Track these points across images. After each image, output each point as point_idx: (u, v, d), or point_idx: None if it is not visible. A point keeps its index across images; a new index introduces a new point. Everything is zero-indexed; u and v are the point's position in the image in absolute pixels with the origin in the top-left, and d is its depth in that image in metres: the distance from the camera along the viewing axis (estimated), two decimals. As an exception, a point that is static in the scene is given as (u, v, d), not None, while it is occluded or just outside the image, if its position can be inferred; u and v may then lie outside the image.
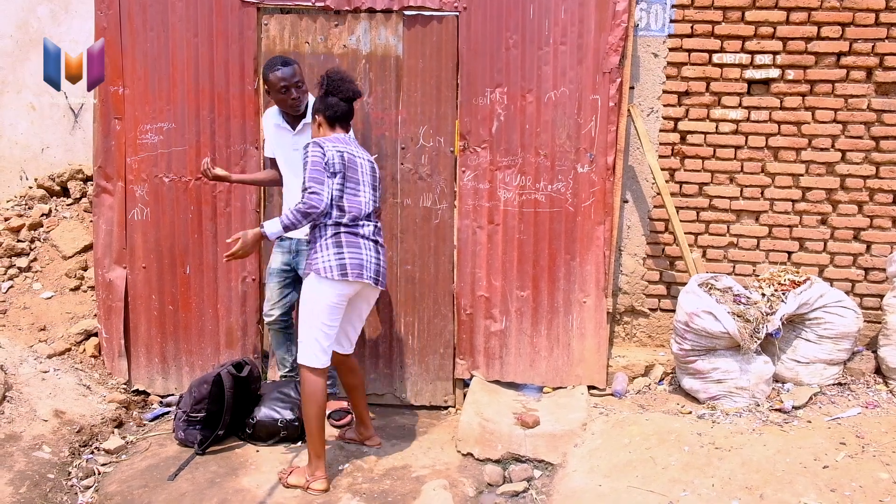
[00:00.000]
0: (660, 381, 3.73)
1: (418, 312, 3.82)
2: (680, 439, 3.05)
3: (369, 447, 3.36)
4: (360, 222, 3.00)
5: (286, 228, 2.89)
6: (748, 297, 3.43)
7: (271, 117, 3.51)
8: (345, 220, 2.95)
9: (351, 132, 3.26)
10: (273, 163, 3.56)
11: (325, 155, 2.91)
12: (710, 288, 3.47)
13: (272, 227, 2.90)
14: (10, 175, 4.48)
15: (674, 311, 3.66)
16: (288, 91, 3.32)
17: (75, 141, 4.43)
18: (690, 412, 3.37)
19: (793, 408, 3.27)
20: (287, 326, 3.60)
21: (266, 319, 3.59)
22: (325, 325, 2.96)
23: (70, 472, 3.15)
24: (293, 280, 3.55)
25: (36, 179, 4.44)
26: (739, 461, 2.87)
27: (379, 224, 3.13)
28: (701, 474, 2.82)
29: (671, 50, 3.68)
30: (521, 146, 3.63)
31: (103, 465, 3.24)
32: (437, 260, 3.78)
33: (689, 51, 3.67)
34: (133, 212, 3.81)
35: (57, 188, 4.40)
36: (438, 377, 3.84)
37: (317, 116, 3.06)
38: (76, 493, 3.04)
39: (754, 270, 3.77)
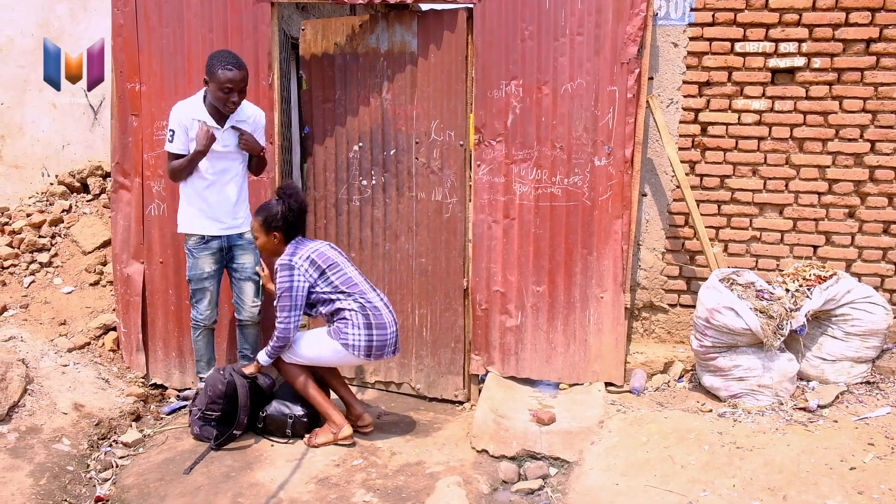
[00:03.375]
0: (679, 378, 3.66)
1: (431, 305, 3.81)
2: (700, 438, 2.99)
3: (363, 432, 3.40)
4: (370, 295, 3.23)
5: (272, 358, 3.26)
6: (772, 293, 3.34)
7: (195, 112, 3.32)
8: (357, 295, 3.20)
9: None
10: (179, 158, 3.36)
11: (294, 278, 3.14)
12: (732, 283, 3.39)
13: (263, 357, 3.28)
14: (32, 172, 4.55)
15: (694, 306, 3.58)
16: (231, 93, 3.24)
17: (95, 138, 4.48)
18: (711, 410, 3.29)
19: (818, 407, 3.18)
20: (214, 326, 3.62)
21: (205, 323, 3.52)
22: (318, 360, 3.28)
23: (89, 465, 3.19)
24: (221, 277, 3.56)
25: (57, 176, 4.51)
26: (762, 461, 2.79)
27: (378, 290, 3.35)
28: (721, 474, 2.76)
29: (692, 39, 3.59)
30: (537, 139, 3.57)
31: (121, 457, 3.27)
32: (448, 254, 3.75)
33: (711, 40, 3.58)
34: (150, 207, 3.83)
35: (77, 184, 4.46)
36: (450, 371, 3.82)
37: (275, 234, 3.20)
38: (94, 486, 3.06)
39: (778, 265, 3.68)
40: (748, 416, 3.17)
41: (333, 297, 3.19)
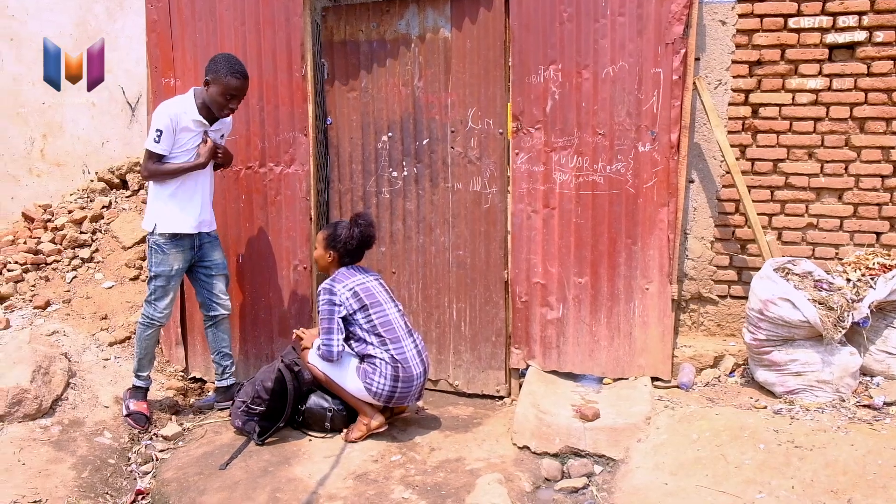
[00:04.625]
0: (730, 372, 3.50)
1: (469, 299, 3.71)
2: (754, 436, 2.84)
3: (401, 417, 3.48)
4: (405, 344, 3.20)
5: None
6: (831, 283, 3.16)
7: (189, 112, 3.26)
8: (393, 351, 3.18)
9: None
10: (163, 160, 3.26)
11: (335, 303, 3.17)
12: (788, 273, 3.21)
13: (313, 351, 3.31)
14: (73, 169, 4.62)
15: (745, 298, 3.42)
16: (233, 100, 3.26)
17: (133, 134, 4.52)
18: (766, 407, 3.14)
19: (884, 404, 2.99)
20: None
21: (161, 322, 3.38)
22: (341, 385, 3.26)
23: (129, 458, 3.21)
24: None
25: (97, 173, 4.57)
26: (823, 462, 2.63)
27: (415, 333, 3.32)
28: (779, 475, 2.61)
29: (741, 16, 3.42)
30: (578, 125, 3.45)
31: (161, 451, 3.28)
32: (488, 246, 3.65)
33: (762, 16, 3.40)
34: (187, 202, 3.83)
35: (116, 181, 4.52)
36: (490, 366, 3.73)
37: (331, 252, 3.26)
38: (135, 479, 3.08)
39: (837, 253, 3.48)
40: (806, 414, 3.00)
41: (368, 339, 3.20)
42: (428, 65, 3.62)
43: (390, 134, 3.74)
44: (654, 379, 3.49)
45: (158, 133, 3.22)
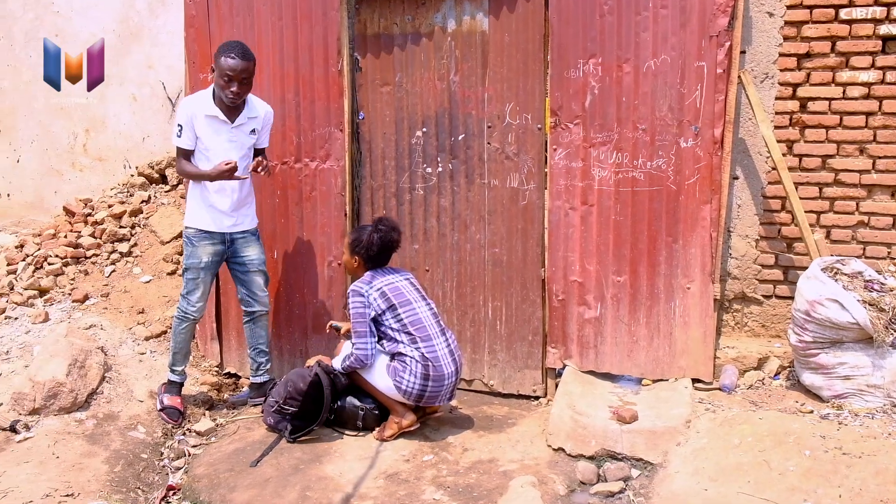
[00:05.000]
0: (775, 375, 3.39)
1: (505, 297, 3.66)
2: (800, 442, 2.74)
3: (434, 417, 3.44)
4: (436, 343, 3.18)
5: (345, 371, 3.28)
6: (882, 283, 3.04)
7: (203, 107, 3.27)
8: (424, 349, 3.15)
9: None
10: (190, 154, 3.32)
11: (366, 304, 3.18)
12: (836, 273, 3.10)
13: (336, 365, 3.32)
14: (114, 164, 4.69)
15: (791, 298, 3.31)
16: (230, 82, 3.17)
17: (172, 129, 4.57)
18: (812, 411, 3.03)
19: (939, 411, 2.85)
20: None
21: (195, 316, 3.40)
22: (372, 384, 3.26)
23: (162, 453, 3.22)
24: (217, 272, 3.49)
25: (137, 167, 4.63)
26: (873, 470, 2.53)
27: (448, 332, 3.29)
28: (825, 483, 2.51)
29: (789, 7, 3.31)
30: (618, 121, 3.37)
31: (194, 446, 3.29)
32: (525, 243, 3.60)
33: (811, 7, 3.29)
34: (223, 197, 3.85)
35: (156, 175, 4.57)
36: (527, 365, 3.67)
37: (356, 257, 3.26)
38: (167, 474, 3.09)
39: (889, 253, 3.35)
40: (855, 419, 2.89)
41: (398, 337, 3.19)
42: (464, 58, 3.58)
43: (424, 129, 3.71)
44: (694, 381, 3.40)
45: (179, 128, 3.31)
